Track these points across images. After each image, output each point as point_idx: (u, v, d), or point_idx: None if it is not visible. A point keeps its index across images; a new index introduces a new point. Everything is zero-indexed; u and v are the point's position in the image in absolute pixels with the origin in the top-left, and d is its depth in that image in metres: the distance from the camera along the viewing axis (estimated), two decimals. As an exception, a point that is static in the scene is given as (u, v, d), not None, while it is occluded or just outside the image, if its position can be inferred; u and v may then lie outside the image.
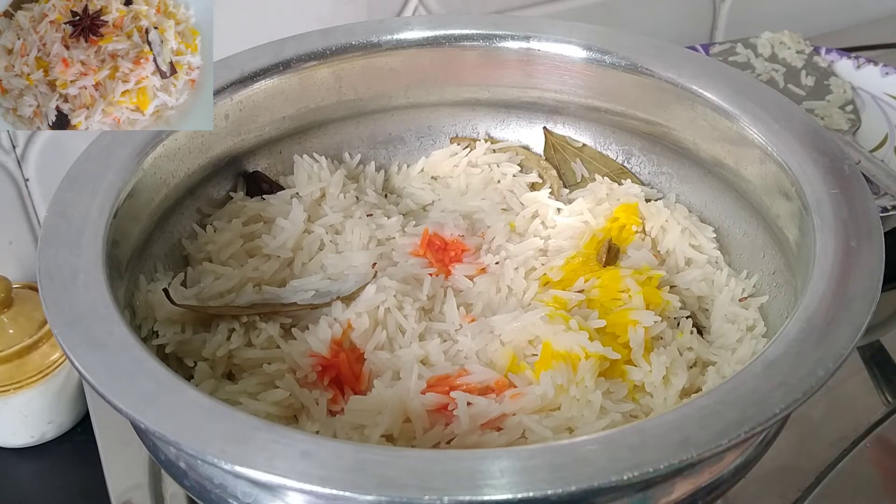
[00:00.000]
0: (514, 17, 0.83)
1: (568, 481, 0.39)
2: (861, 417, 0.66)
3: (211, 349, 0.55)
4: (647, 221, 0.65)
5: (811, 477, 0.61)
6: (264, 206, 0.65)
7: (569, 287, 0.60)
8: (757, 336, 0.58)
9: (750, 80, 0.63)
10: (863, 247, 0.50)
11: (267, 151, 0.68)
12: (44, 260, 0.49)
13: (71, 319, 0.46)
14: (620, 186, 0.68)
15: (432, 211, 0.69)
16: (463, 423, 0.51)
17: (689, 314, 0.61)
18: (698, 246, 0.64)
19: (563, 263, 0.61)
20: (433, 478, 0.39)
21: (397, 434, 0.51)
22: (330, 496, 0.39)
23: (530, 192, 0.68)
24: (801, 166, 0.56)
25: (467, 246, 0.63)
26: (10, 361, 0.67)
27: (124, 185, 0.55)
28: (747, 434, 0.41)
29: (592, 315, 0.58)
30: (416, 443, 0.51)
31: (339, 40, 0.66)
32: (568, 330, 0.55)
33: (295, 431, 0.41)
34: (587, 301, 0.60)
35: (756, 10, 1.06)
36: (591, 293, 0.60)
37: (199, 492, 0.47)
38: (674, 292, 0.61)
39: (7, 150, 0.73)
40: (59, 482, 0.68)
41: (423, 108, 0.72)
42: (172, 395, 0.43)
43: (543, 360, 0.54)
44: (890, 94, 0.90)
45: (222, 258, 0.62)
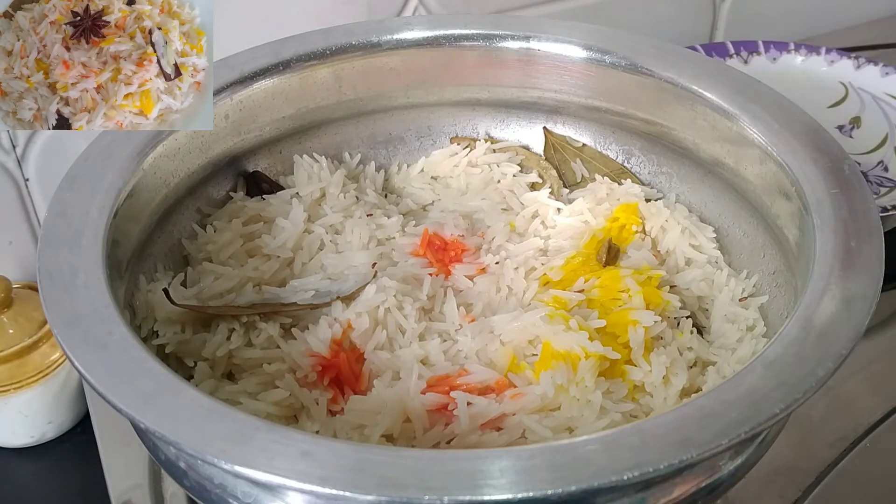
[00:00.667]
0: (514, 16, 0.83)
1: (568, 481, 0.39)
2: (861, 417, 0.66)
3: (211, 349, 0.55)
4: (647, 221, 0.65)
5: (811, 477, 0.61)
6: (264, 206, 0.65)
7: (569, 287, 0.60)
8: (757, 336, 0.58)
9: (750, 80, 0.63)
10: (863, 247, 0.50)
11: (267, 151, 0.68)
12: (44, 260, 0.49)
13: (71, 319, 0.46)
14: (620, 186, 0.68)
15: (432, 211, 0.69)
16: (463, 423, 0.51)
17: (689, 314, 0.61)
18: (698, 246, 0.64)
19: (563, 263, 0.61)
20: (433, 478, 0.39)
21: (397, 434, 0.51)
22: (330, 496, 0.39)
23: (530, 192, 0.68)
24: (801, 166, 0.56)
25: (467, 246, 0.63)
26: (10, 361, 0.67)
27: (124, 184, 0.55)
28: (747, 434, 0.41)
29: (592, 315, 0.58)
30: (416, 443, 0.51)
31: (339, 40, 0.66)
32: (568, 330, 0.55)
33: (295, 431, 0.41)
34: (587, 301, 0.60)
35: (756, 10, 1.06)
36: (591, 293, 0.60)
37: (199, 492, 0.47)
38: (674, 292, 0.61)
39: (7, 150, 0.73)
40: (59, 482, 0.68)
41: (423, 108, 0.72)
42: (172, 395, 0.43)
43: (543, 360, 0.54)
44: (890, 94, 0.90)
45: (222, 258, 0.62)
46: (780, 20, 1.06)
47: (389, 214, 0.65)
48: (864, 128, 0.88)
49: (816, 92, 0.91)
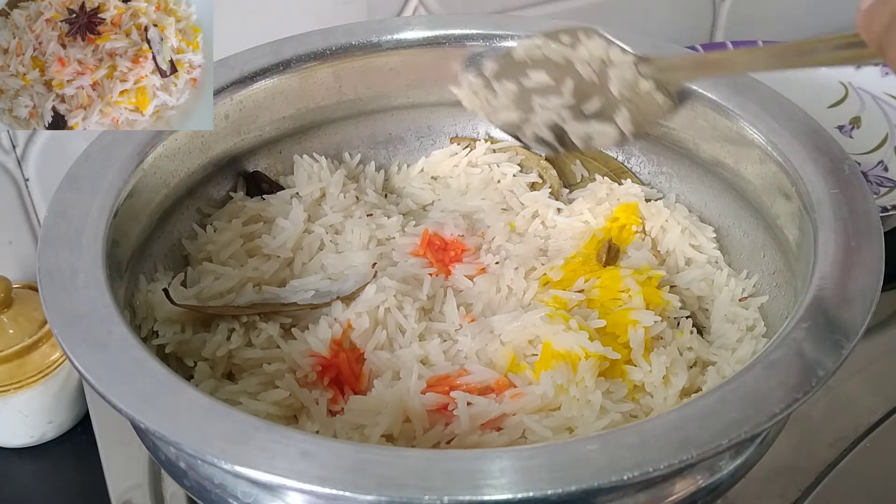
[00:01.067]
0: (515, 16, 0.82)
1: (568, 481, 0.39)
2: (861, 417, 0.66)
3: (211, 349, 0.55)
4: (647, 221, 0.65)
5: (811, 477, 0.61)
6: (264, 206, 0.65)
7: (569, 287, 0.60)
8: (757, 336, 0.58)
9: (750, 79, 0.63)
10: (863, 247, 0.50)
11: (267, 151, 0.68)
12: (44, 260, 0.49)
13: (71, 319, 0.46)
14: (620, 186, 0.68)
15: (432, 211, 0.69)
16: (463, 423, 0.51)
17: (689, 314, 0.61)
18: (698, 246, 0.64)
19: (563, 263, 0.61)
20: (433, 478, 0.39)
21: (397, 434, 0.51)
22: (330, 496, 0.39)
23: (530, 192, 0.68)
24: (802, 166, 0.56)
25: (467, 246, 0.63)
26: (10, 361, 0.67)
27: (124, 184, 0.55)
28: (747, 434, 0.41)
29: (592, 315, 0.58)
30: (416, 443, 0.51)
31: (339, 40, 0.66)
32: (568, 330, 0.55)
33: (295, 431, 0.41)
34: (587, 301, 0.60)
35: (756, 10, 1.06)
36: (592, 293, 0.60)
37: (198, 492, 0.47)
38: (674, 292, 0.61)
39: (7, 150, 0.73)
40: (59, 482, 0.68)
41: (423, 108, 0.72)
42: (172, 395, 0.43)
43: (543, 360, 0.54)
44: (890, 93, 0.90)
45: (222, 258, 0.62)
46: (780, 20, 1.05)
47: (389, 214, 0.65)
48: (864, 128, 0.88)
49: (816, 92, 0.91)
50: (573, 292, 0.60)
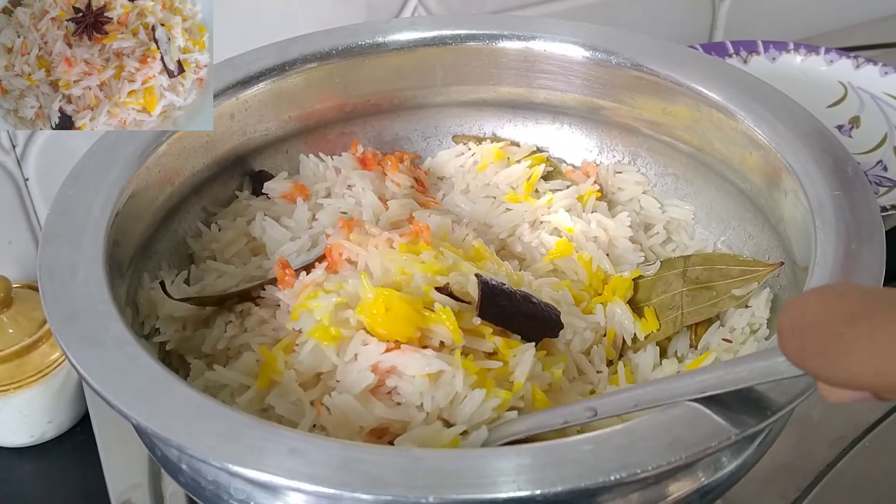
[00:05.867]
0: (519, 17, 0.82)
1: (554, 481, 0.39)
2: (861, 417, 0.66)
3: (210, 344, 0.56)
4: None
5: (811, 477, 0.61)
6: (269, 205, 0.65)
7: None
8: (759, 337, 0.58)
9: (755, 80, 0.62)
10: (864, 248, 0.50)
11: (273, 151, 0.69)
12: (44, 257, 0.50)
13: (68, 315, 0.47)
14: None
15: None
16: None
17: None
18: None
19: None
20: (419, 476, 0.39)
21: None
22: (317, 494, 0.39)
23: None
24: (805, 167, 0.55)
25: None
26: (9, 361, 0.67)
27: (127, 183, 0.55)
28: (738, 436, 0.41)
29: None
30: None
31: (344, 41, 0.66)
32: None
33: (284, 429, 0.41)
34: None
35: (755, 10, 1.05)
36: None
37: (194, 488, 0.48)
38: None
39: (7, 150, 0.74)
40: (59, 482, 0.68)
41: (428, 109, 0.72)
42: (165, 392, 0.43)
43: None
44: (889, 93, 0.89)
45: (226, 256, 0.62)
46: (780, 20, 1.05)
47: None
48: (864, 127, 0.88)
49: (816, 92, 0.90)
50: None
